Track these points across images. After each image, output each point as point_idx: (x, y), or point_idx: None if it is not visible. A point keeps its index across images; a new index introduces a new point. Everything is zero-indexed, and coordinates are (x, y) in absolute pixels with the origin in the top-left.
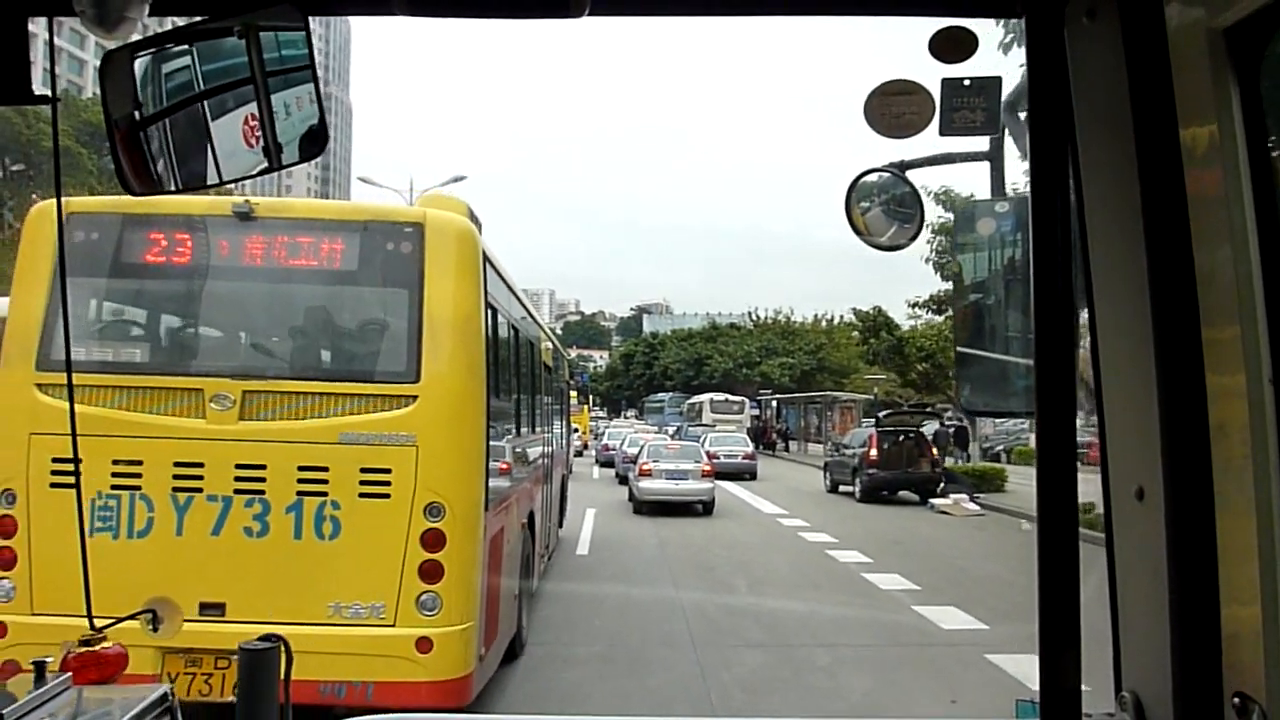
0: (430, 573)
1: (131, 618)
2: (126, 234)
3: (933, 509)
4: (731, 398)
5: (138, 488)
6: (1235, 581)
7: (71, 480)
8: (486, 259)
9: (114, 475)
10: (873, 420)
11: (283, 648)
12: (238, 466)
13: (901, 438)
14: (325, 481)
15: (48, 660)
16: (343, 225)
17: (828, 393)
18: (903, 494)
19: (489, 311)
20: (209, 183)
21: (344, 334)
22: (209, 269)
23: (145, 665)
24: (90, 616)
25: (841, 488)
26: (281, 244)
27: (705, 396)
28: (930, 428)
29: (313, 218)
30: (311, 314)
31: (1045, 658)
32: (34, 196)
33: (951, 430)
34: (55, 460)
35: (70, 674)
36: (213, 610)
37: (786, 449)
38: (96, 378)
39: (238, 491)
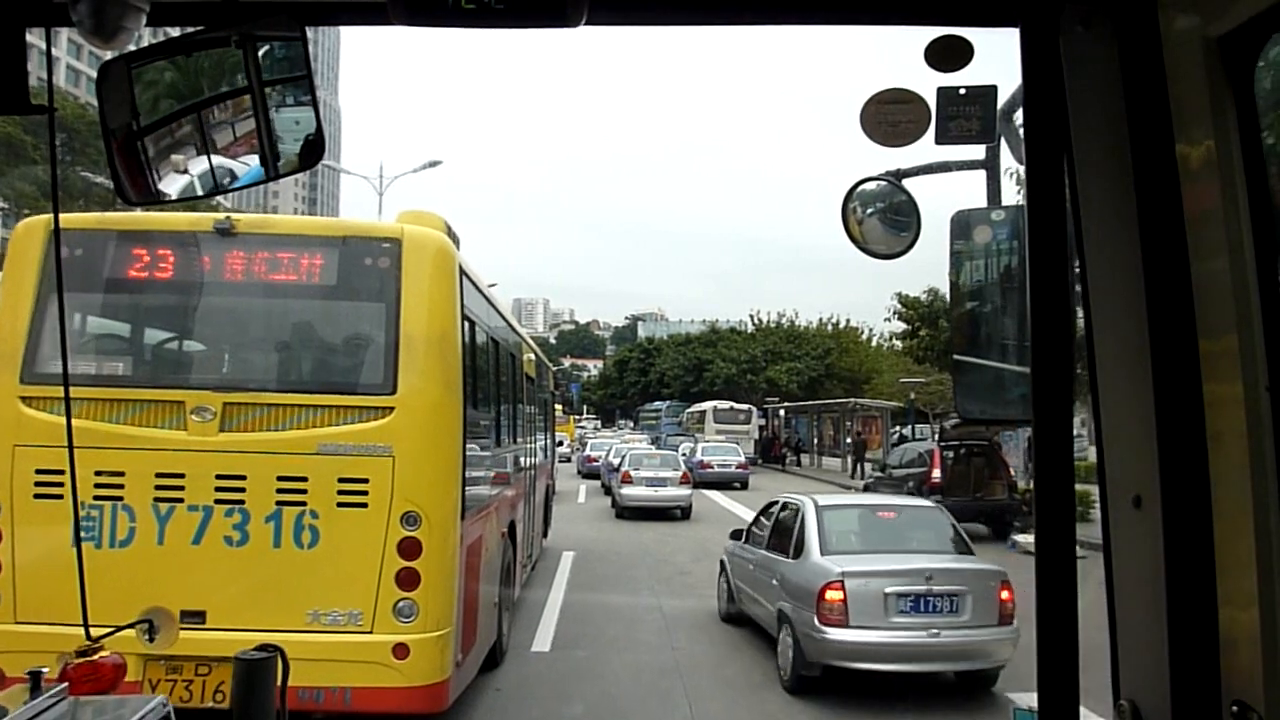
0: (407, 581)
1: (128, 627)
2: (110, 250)
3: (1015, 548)
4: (737, 406)
5: (120, 498)
6: (1233, 589)
7: (56, 491)
8: (463, 273)
9: (96, 486)
10: (895, 432)
11: (280, 657)
12: (218, 477)
13: (969, 454)
14: (304, 491)
15: (44, 671)
16: (322, 241)
17: (848, 399)
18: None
19: (466, 324)
20: (206, 192)
21: (322, 347)
22: (191, 284)
23: (128, 673)
24: (87, 626)
25: None
26: (261, 259)
27: (708, 405)
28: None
29: (292, 233)
30: (290, 327)
31: (1043, 666)
32: None
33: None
34: (39, 471)
35: (67, 684)
36: (193, 618)
37: (798, 463)
38: (79, 390)
39: (218, 501)
